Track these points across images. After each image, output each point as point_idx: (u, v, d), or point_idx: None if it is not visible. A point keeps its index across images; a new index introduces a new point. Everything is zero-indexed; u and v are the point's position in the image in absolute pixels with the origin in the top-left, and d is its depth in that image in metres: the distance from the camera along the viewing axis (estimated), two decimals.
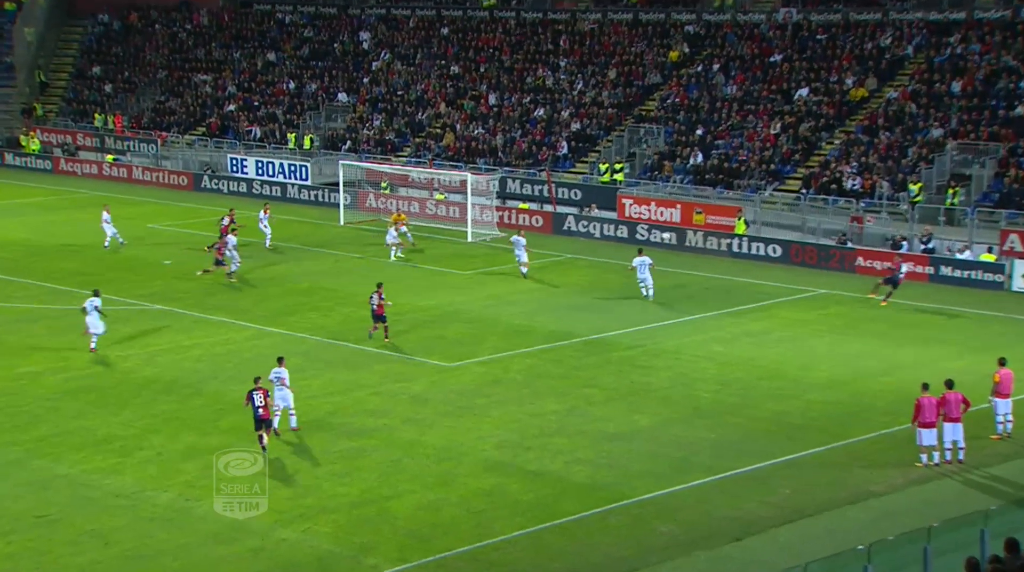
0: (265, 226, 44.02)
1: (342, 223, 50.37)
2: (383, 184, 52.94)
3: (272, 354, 29.68)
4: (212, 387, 27.43)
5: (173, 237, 46.57)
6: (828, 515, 20.66)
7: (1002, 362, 24.54)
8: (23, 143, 68.76)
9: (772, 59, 54.18)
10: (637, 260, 36.59)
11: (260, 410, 22.98)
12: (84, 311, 30.09)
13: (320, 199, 55.30)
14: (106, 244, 43.30)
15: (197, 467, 22.42)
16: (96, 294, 30.65)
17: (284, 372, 24.56)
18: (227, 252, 38.72)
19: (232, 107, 66.69)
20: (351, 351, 30.85)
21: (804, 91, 51.67)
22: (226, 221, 41.19)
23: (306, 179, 57.26)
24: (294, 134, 62.00)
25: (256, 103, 66.31)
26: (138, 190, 59.62)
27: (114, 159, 64.58)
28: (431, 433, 24.70)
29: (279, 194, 56.14)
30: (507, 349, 31.14)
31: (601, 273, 41.02)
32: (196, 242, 44.28)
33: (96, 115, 69.68)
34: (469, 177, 48.19)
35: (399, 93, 62.65)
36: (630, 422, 25.44)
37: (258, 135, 63.66)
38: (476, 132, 57.37)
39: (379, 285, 31.93)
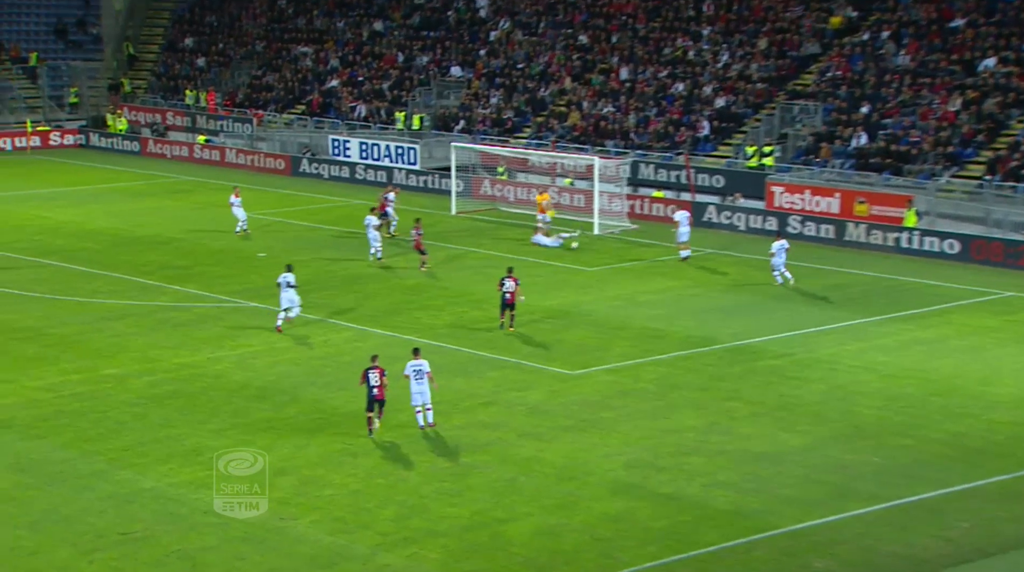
0: (391, 213, 44.98)
1: (454, 212, 50.80)
2: (500, 169, 53.23)
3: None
4: (309, 394, 27.99)
5: (269, 227, 47.69)
6: (1013, 555, 20.02)
7: None
8: (109, 122, 71.33)
9: (953, 24, 52.67)
10: (776, 244, 37.45)
11: (376, 390, 24.82)
12: (279, 286, 32.42)
13: (430, 185, 55.93)
14: (237, 229, 44.68)
15: (292, 483, 22.90)
16: (289, 269, 32.68)
17: (425, 364, 25.55)
18: (372, 233, 41.13)
19: (335, 83, 67.96)
20: (463, 356, 31.10)
21: (990, 61, 50.09)
22: (391, 195, 44.93)
23: (414, 163, 57.99)
24: (402, 113, 62.86)
25: (361, 78, 67.44)
26: (231, 174, 61.17)
27: (206, 140, 66.49)
28: (551, 449, 24.74)
29: (383, 179, 56.97)
30: (638, 356, 31.03)
31: (746, 270, 40.52)
32: (294, 233, 45.22)
33: (187, 91, 71.81)
34: (597, 161, 48.12)
35: (519, 67, 62.94)
36: (778, 441, 25.07)
37: (363, 114, 64.73)
38: (605, 110, 57.25)
39: (510, 270, 32.89)
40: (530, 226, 47.25)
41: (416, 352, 26.12)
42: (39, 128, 70.31)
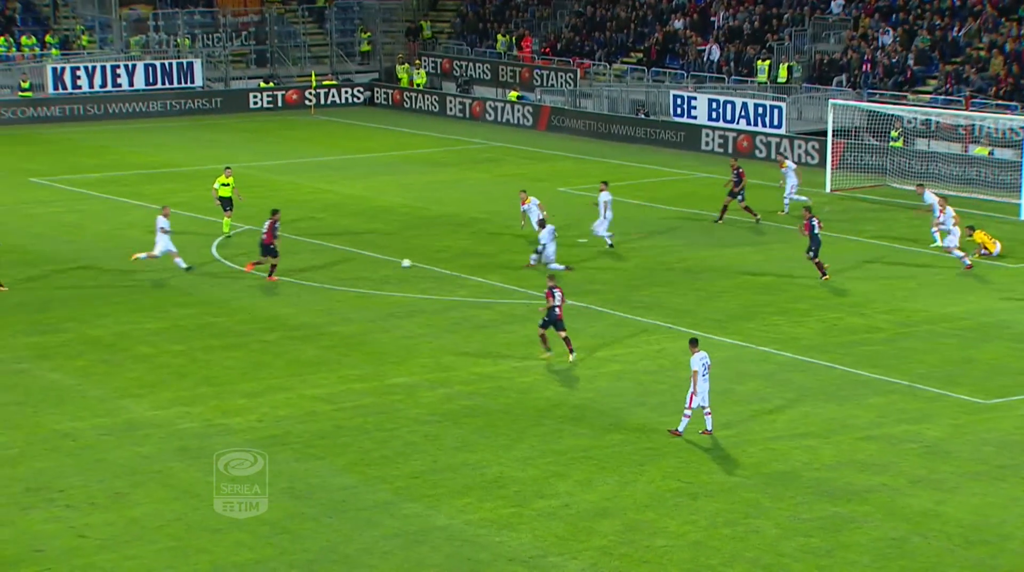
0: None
1: (828, 190, 49.90)
2: (894, 134, 51.90)
3: (724, 374, 29.95)
4: (638, 416, 28.12)
5: (589, 205, 48.29)
6: None
7: None
8: (400, 75, 74.23)
9: None
10: None
11: (557, 310, 30.69)
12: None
13: (796, 156, 55.15)
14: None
15: (616, 527, 23.05)
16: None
17: (705, 356, 26.43)
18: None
19: (679, 23, 68.11)
20: (836, 374, 30.53)
21: None
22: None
23: (779, 126, 57.35)
24: (766, 61, 62.24)
25: (713, 18, 67.21)
26: (548, 140, 62.44)
27: (518, 97, 68.18)
28: (954, 502, 23.91)
29: (727, 148, 56.59)
30: None
31: None
32: (622, 212, 45.55)
33: (499, 36, 73.82)
34: None
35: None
36: None
37: (716, 60, 64.44)
38: None
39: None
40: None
41: (695, 343, 26.79)
42: (324, 82, 74.18)
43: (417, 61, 74.55)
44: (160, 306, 36.22)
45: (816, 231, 37.50)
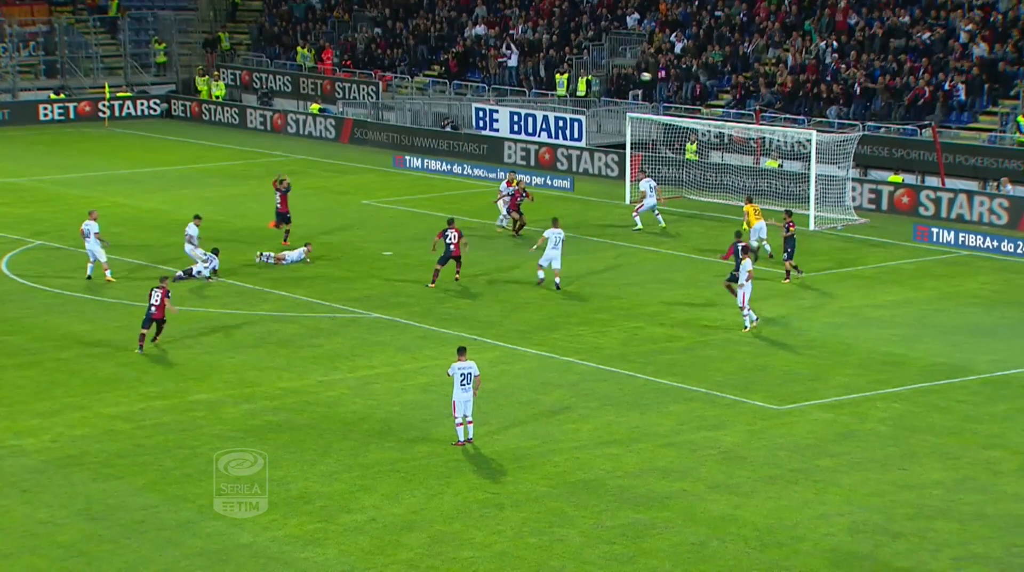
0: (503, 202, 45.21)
1: (628, 201, 50.65)
2: (690, 147, 52.96)
3: (529, 385, 30.28)
4: (445, 429, 28.19)
5: (396, 218, 48.34)
6: None
7: None
8: (200, 87, 73.23)
9: None
10: None
11: (154, 309, 32.59)
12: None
13: (596, 168, 55.89)
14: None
15: (422, 540, 23.10)
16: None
17: (473, 366, 27.01)
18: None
19: (478, 30, 68.37)
20: (638, 383, 30.99)
21: None
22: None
23: (579, 139, 58.12)
24: (565, 74, 63.05)
25: (511, 29, 67.75)
26: (350, 152, 62.26)
27: (320, 110, 67.86)
28: (750, 506, 24.48)
29: (529, 161, 57.17)
30: (865, 388, 30.53)
31: (1011, 279, 39.56)
32: (426, 225, 45.65)
33: (299, 49, 73.35)
34: (814, 136, 47.48)
35: (717, 14, 62.51)
36: None
37: (515, 73, 64.94)
38: (825, 67, 56.43)
39: (450, 221, 38.29)
40: (721, 218, 46.84)
41: (462, 352, 27.01)
42: (119, 94, 72.75)
43: (216, 73, 73.62)
44: None
45: (790, 233, 38.88)
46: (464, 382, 26.80)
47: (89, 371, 31.88)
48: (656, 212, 45.89)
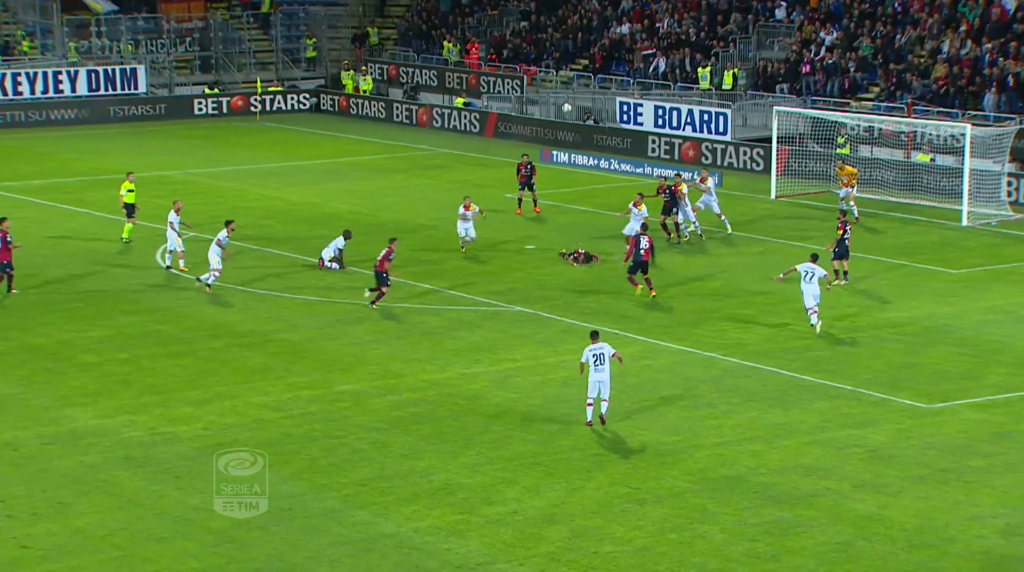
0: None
1: (773, 196, 50.18)
2: (840, 140, 52.24)
3: (671, 380, 30.15)
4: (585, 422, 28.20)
5: (540, 211, 48.39)
6: None
7: None
8: (345, 82, 74.08)
9: None
10: None
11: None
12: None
13: (741, 162, 55.42)
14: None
15: (563, 534, 23.12)
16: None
17: (607, 346, 27.36)
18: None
19: (624, 28, 68.31)
20: (782, 380, 30.74)
21: None
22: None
23: (724, 133, 57.67)
24: (707, 67, 62.57)
25: (657, 24, 67.48)
26: (495, 146, 62.48)
27: (465, 103, 68.24)
28: (899, 506, 24.12)
29: (673, 155, 56.81)
30: (1020, 387, 30.07)
31: None
32: (569, 219, 45.65)
33: (445, 43, 73.86)
34: (968, 130, 46.57)
35: (866, 5, 61.50)
36: None
37: (662, 69, 64.74)
38: (979, 58, 55.24)
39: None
40: (871, 213, 46.20)
41: (595, 336, 27.63)
42: (270, 89, 73.93)
43: (363, 67, 74.45)
44: (104, 314, 36.00)
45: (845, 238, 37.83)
46: (598, 363, 27.15)
47: (239, 360, 32.43)
48: (720, 214, 44.85)
